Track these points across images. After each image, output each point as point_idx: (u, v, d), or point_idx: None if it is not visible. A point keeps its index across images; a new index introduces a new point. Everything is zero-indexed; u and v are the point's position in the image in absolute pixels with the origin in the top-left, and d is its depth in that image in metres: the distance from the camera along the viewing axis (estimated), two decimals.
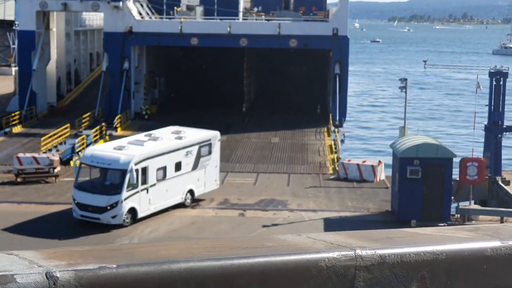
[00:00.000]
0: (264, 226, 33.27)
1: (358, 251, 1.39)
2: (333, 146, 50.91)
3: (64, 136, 49.39)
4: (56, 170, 41.22)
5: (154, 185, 33.63)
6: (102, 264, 1.18)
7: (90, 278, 1.15)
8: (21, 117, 56.76)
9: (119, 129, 54.99)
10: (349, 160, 44.76)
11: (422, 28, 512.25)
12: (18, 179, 40.31)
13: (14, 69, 71.24)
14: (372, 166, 42.66)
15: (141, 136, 36.20)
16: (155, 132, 36.77)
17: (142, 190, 33.04)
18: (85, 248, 1.30)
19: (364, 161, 44.13)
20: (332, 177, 43.37)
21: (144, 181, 33.02)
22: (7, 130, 53.72)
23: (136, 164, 32.32)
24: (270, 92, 70.96)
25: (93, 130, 50.99)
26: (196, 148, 35.79)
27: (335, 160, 46.65)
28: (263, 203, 37.10)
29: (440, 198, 34.82)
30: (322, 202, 37.61)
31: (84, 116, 54.87)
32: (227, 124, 57.31)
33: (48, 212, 34.59)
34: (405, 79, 47.54)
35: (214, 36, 59.47)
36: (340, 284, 1.35)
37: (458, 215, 35.25)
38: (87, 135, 49.66)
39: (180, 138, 35.68)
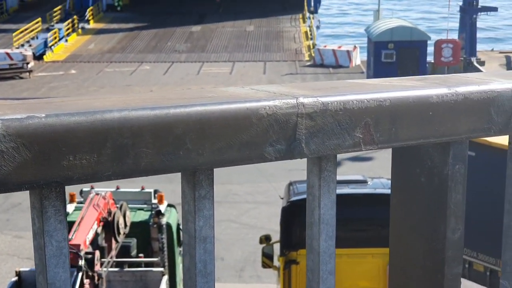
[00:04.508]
0: None
1: (300, 99, 1.37)
2: (309, 33, 50.61)
3: (36, 30, 48.68)
4: (29, 66, 40.84)
5: None
6: (30, 114, 1.15)
7: (17, 127, 1.11)
8: None
9: (91, 21, 54.24)
10: (325, 46, 44.62)
11: None
12: None
13: None
14: (348, 51, 42.56)
15: None
16: None
17: None
18: (16, 102, 1.26)
19: (339, 47, 44.00)
20: (308, 63, 43.29)
21: None
22: None
23: None
24: None
25: (65, 23, 50.25)
26: None
27: (311, 47, 46.47)
28: None
29: None
30: None
31: (54, 9, 53.94)
32: (201, 14, 56.67)
33: None
34: None
35: None
36: (281, 131, 1.34)
37: None
38: (59, 29, 48.98)
39: None
